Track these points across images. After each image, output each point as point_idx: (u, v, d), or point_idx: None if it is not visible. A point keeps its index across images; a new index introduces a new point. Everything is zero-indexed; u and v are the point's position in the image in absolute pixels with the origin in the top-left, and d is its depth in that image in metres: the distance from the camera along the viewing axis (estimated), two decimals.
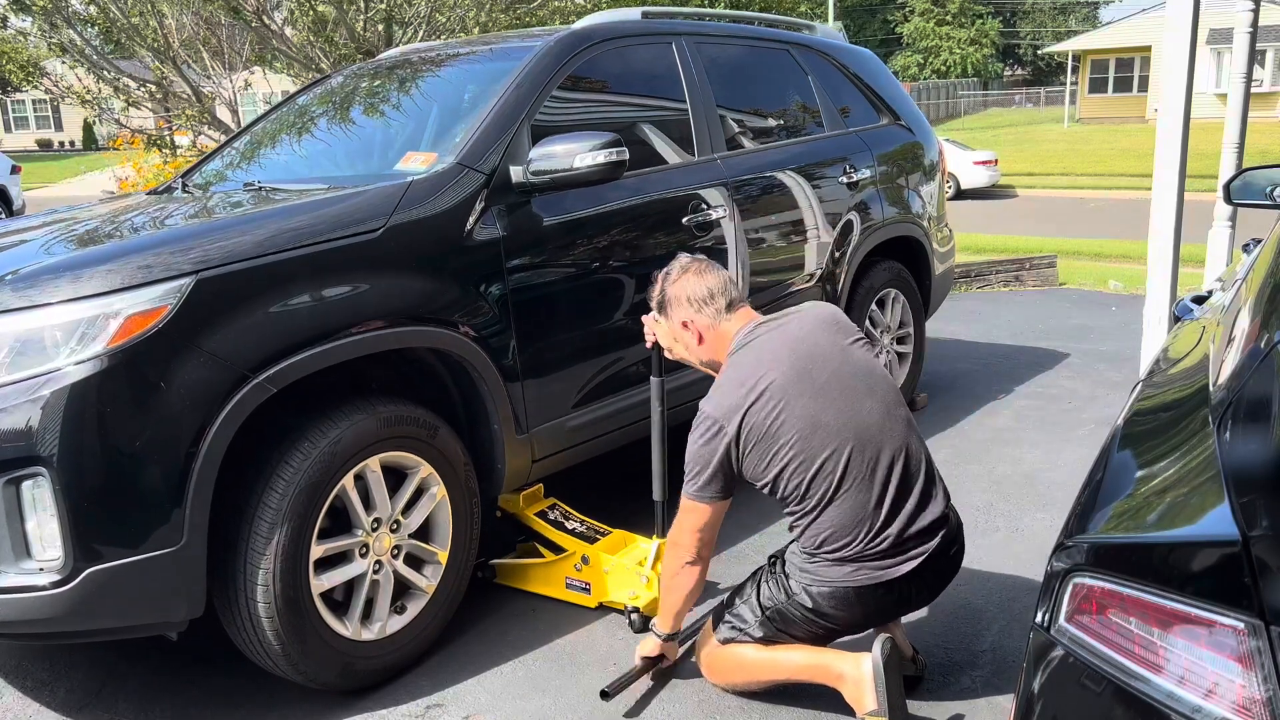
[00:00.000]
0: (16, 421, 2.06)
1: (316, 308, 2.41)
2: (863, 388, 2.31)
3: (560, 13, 9.05)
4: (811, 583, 2.30)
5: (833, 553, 2.26)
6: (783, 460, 2.25)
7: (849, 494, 2.24)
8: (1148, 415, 1.66)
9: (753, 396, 2.27)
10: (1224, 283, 2.64)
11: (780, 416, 2.24)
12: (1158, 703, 1.15)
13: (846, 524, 2.24)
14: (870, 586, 2.26)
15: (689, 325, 2.49)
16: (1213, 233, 5.27)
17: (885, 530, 2.25)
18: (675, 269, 2.53)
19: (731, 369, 2.37)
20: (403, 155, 3.05)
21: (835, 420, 2.25)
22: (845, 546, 2.25)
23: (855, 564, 2.25)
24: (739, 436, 2.27)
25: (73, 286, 2.15)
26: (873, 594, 2.26)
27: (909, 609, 2.41)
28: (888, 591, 2.27)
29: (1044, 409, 4.79)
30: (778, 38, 4.26)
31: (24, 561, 2.13)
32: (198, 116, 8.53)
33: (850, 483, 2.24)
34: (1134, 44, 34.30)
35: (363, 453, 2.48)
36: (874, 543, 2.24)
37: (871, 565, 2.25)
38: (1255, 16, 4.99)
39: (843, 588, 2.26)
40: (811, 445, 2.23)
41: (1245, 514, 1.16)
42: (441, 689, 2.61)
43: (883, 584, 2.26)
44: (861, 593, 2.26)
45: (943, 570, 2.36)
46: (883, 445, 2.27)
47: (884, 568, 2.25)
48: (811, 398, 2.26)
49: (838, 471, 2.23)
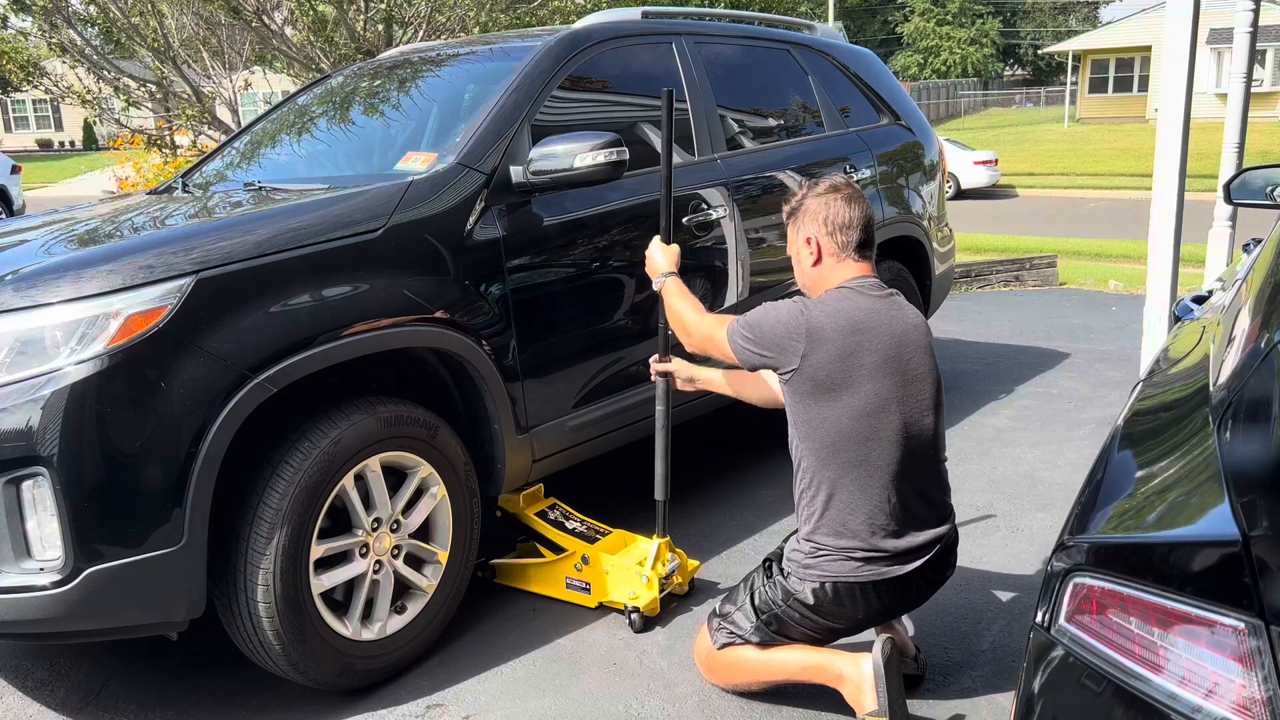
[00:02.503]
0: (17, 421, 2.06)
1: (317, 308, 2.41)
2: (931, 402, 2.33)
3: (560, 12, 9.05)
4: (816, 579, 2.29)
5: (842, 547, 2.26)
6: (837, 413, 2.24)
7: (880, 488, 2.24)
8: (1148, 415, 1.66)
9: (852, 338, 2.24)
10: (1224, 283, 2.63)
11: (860, 377, 2.23)
12: (1158, 703, 1.15)
13: (866, 517, 2.25)
14: (876, 583, 2.26)
15: (811, 242, 2.40)
16: (1213, 233, 5.27)
17: (901, 531, 2.26)
18: (824, 185, 2.44)
19: (845, 302, 2.31)
20: (403, 155, 3.05)
21: (900, 416, 2.26)
22: (858, 539, 2.25)
23: (863, 561, 2.25)
24: (811, 354, 2.24)
25: (73, 286, 2.15)
26: (877, 591, 2.27)
27: (909, 607, 2.42)
28: (892, 589, 2.28)
29: (1044, 409, 4.79)
30: (778, 37, 4.26)
31: (24, 561, 2.13)
32: (198, 116, 8.53)
33: (884, 479, 2.24)
34: (1134, 44, 34.30)
35: (363, 453, 2.48)
36: (887, 541, 2.25)
37: (881, 562, 2.25)
38: (1255, 16, 4.99)
39: (848, 583, 2.26)
40: (870, 423, 2.24)
41: (1245, 514, 1.16)
42: (441, 689, 2.61)
43: (889, 581, 2.26)
44: (867, 589, 2.26)
45: (942, 570, 2.37)
46: (925, 455, 2.31)
47: (892, 565, 2.26)
48: (896, 383, 2.26)
49: (880, 463, 2.24)
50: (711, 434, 4.53)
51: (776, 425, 4.77)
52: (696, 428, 4.37)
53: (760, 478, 3.98)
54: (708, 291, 3.47)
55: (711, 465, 4.14)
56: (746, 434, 4.58)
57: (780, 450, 4.30)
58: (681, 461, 4.21)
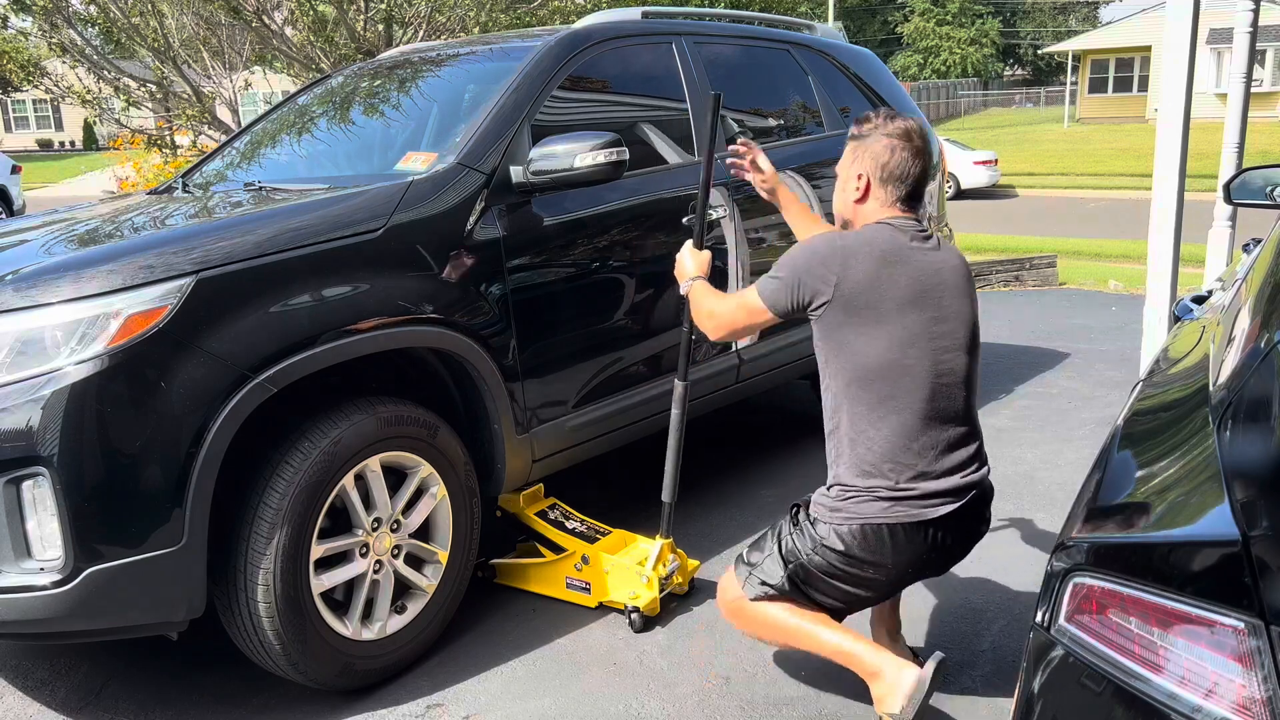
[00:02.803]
0: (17, 421, 2.06)
1: (317, 308, 2.41)
2: (964, 344, 2.27)
3: (560, 12, 9.05)
4: (843, 522, 2.22)
5: (870, 487, 2.21)
6: (864, 345, 2.20)
7: (907, 427, 2.19)
8: (1148, 415, 1.66)
9: (884, 268, 2.20)
10: (1224, 283, 2.64)
11: (888, 309, 2.19)
12: (1158, 703, 1.15)
13: (893, 456, 2.19)
14: (906, 526, 2.19)
15: (863, 179, 2.35)
16: (1213, 233, 5.27)
17: (929, 473, 2.20)
18: (899, 126, 2.35)
19: (880, 234, 2.27)
20: (403, 155, 3.05)
21: (930, 355, 2.20)
22: (885, 479, 2.20)
23: (891, 501, 2.19)
24: (844, 279, 2.20)
25: (74, 286, 2.15)
26: (907, 535, 2.20)
27: (940, 564, 2.33)
28: (922, 536, 2.21)
29: (1044, 409, 4.79)
30: (778, 37, 4.26)
31: (24, 561, 2.13)
32: (198, 116, 8.53)
33: (912, 418, 2.19)
34: (1134, 44, 34.30)
35: (363, 452, 2.48)
36: (916, 482, 2.20)
37: (909, 503, 2.19)
38: (1255, 16, 4.99)
39: (875, 525, 2.19)
40: (898, 359, 2.19)
41: (1245, 514, 1.16)
42: (441, 689, 2.61)
43: (918, 524, 2.19)
44: (895, 532, 2.19)
45: (972, 529, 2.31)
46: (955, 398, 2.24)
47: (922, 507, 2.19)
48: (926, 320, 2.21)
49: (908, 400, 2.19)
50: (712, 434, 4.53)
51: (777, 425, 4.77)
52: (697, 427, 4.37)
53: (761, 478, 3.98)
54: None
55: (712, 465, 4.14)
56: (748, 434, 4.58)
57: (781, 450, 4.32)
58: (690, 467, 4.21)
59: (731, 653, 2.72)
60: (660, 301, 3.31)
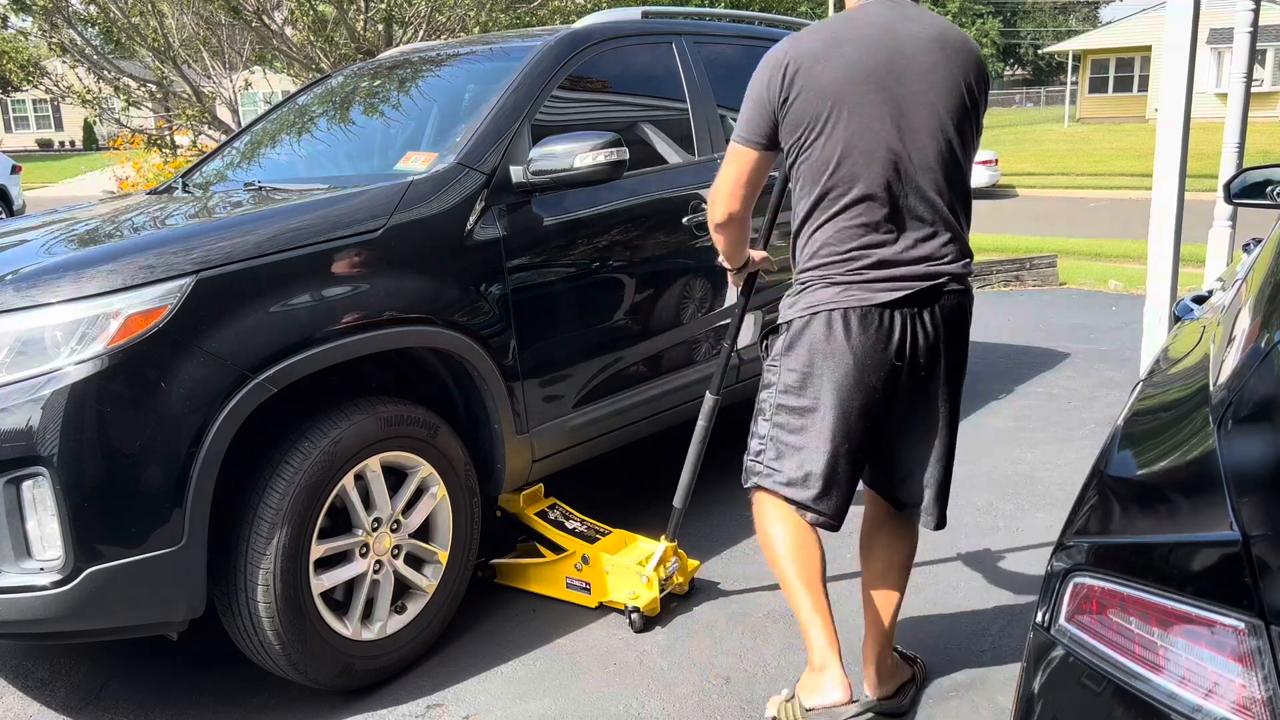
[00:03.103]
0: (17, 421, 2.06)
1: (317, 308, 2.41)
2: (931, 125, 2.10)
3: (560, 12, 9.05)
4: (802, 313, 2.15)
5: (826, 268, 2.13)
6: (818, 132, 2.09)
7: (863, 211, 2.09)
8: (1148, 415, 1.66)
9: (830, 49, 2.09)
10: (1224, 283, 2.64)
11: (844, 91, 2.06)
12: (1158, 703, 1.15)
13: (850, 236, 2.11)
14: (857, 311, 2.09)
15: None
16: (1213, 233, 5.27)
17: (889, 260, 2.10)
18: None
19: (840, 18, 2.17)
20: (403, 155, 3.05)
21: (886, 136, 2.07)
22: (840, 261, 2.11)
23: (845, 285, 2.11)
24: (792, 73, 2.09)
25: (73, 286, 2.15)
26: (861, 325, 2.10)
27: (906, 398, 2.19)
28: (876, 327, 2.10)
29: (1044, 409, 4.79)
30: (778, 37, 4.26)
31: (24, 561, 2.13)
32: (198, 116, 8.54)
33: (870, 203, 2.09)
34: (1134, 44, 34.29)
35: (363, 452, 2.48)
36: (873, 269, 2.10)
37: (861, 287, 2.10)
38: (1255, 16, 4.99)
39: (826, 311, 2.12)
40: (851, 141, 2.07)
41: (1245, 514, 1.16)
42: (441, 689, 2.61)
43: (869, 310, 2.09)
44: (847, 320, 2.10)
45: (938, 343, 2.16)
46: (924, 179, 2.10)
47: (873, 291, 2.09)
48: (880, 99, 2.07)
49: (863, 183, 2.08)
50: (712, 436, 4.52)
51: None
52: None
53: None
54: (707, 291, 3.47)
55: (712, 465, 4.13)
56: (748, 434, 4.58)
57: None
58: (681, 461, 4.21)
59: (731, 653, 2.72)
60: (660, 301, 3.31)
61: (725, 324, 3.55)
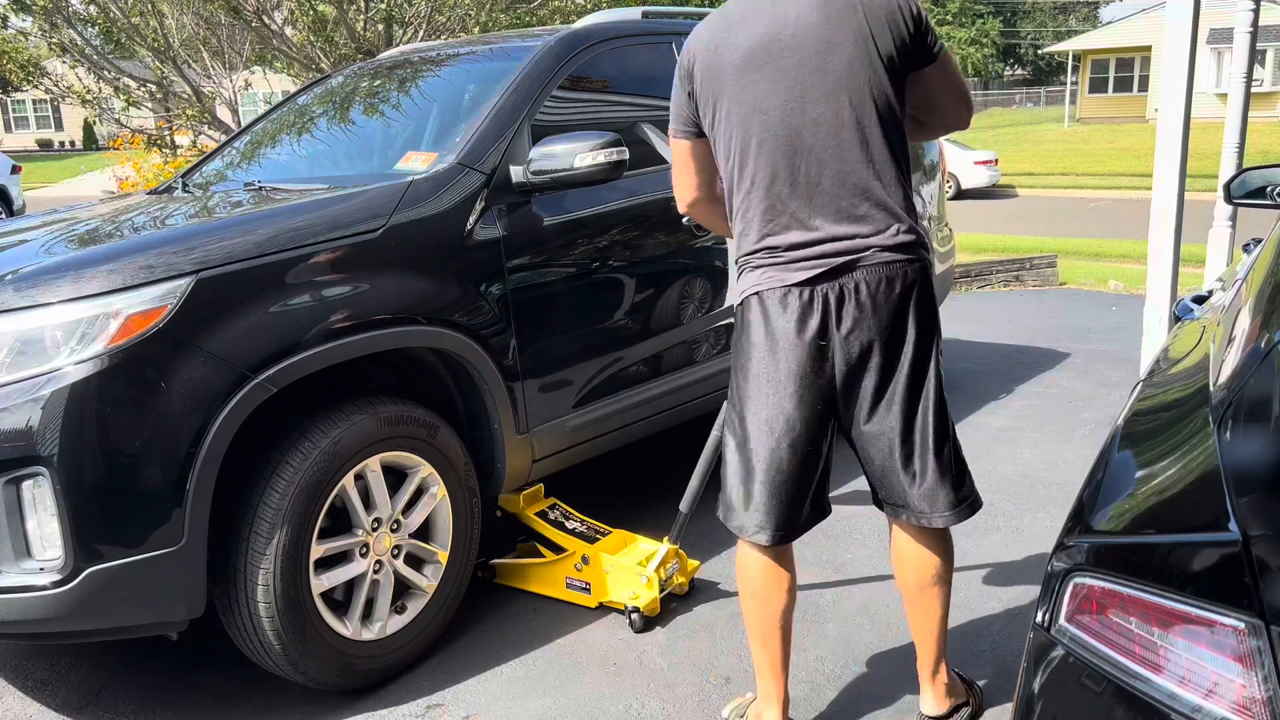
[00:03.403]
0: (17, 421, 2.06)
1: (317, 308, 2.41)
2: (823, 90, 1.99)
3: (561, 12, 9.05)
4: (738, 298, 2.14)
5: (754, 253, 2.08)
6: (716, 120, 2.08)
7: (771, 190, 2.03)
8: (1148, 415, 1.66)
9: (720, 35, 2.06)
10: (1224, 283, 2.63)
11: (730, 76, 2.04)
12: (1158, 703, 1.15)
13: (763, 218, 2.05)
14: (776, 292, 2.03)
15: None
16: (1213, 233, 5.27)
17: (790, 231, 2.03)
18: None
19: (728, 6, 2.12)
20: (403, 155, 3.05)
21: (785, 107, 2.00)
22: (759, 244, 2.06)
23: (766, 268, 2.06)
24: (690, 65, 2.10)
25: (73, 286, 2.15)
26: (780, 306, 2.03)
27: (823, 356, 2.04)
28: (794, 308, 2.02)
29: (1044, 409, 4.79)
30: None
31: (24, 561, 2.13)
32: (198, 116, 8.54)
33: (774, 180, 2.03)
34: (1134, 44, 34.29)
35: (363, 452, 2.48)
36: (787, 249, 2.03)
37: (777, 268, 2.04)
38: (1255, 16, 4.99)
39: (752, 295, 2.08)
40: (748, 122, 2.03)
41: (1245, 514, 1.16)
42: (441, 689, 2.61)
43: (790, 289, 2.02)
44: (766, 301, 2.05)
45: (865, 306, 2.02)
46: (824, 152, 2.00)
47: (789, 270, 2.03)
48: (767, 78, 2.01)
49: (767, 161, 2.02)
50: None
51: None
52: (697, 427, 4.37)
53: None
54: (707, 291, 3.47)
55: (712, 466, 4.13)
56: None
57: None
58: (682, 463, 4.21)
59: (731, 653, 2.72)
60: (660, 301, 3.31)
61: (725, 324, 3.55)
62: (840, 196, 2.02)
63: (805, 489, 2.13)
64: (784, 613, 2.20)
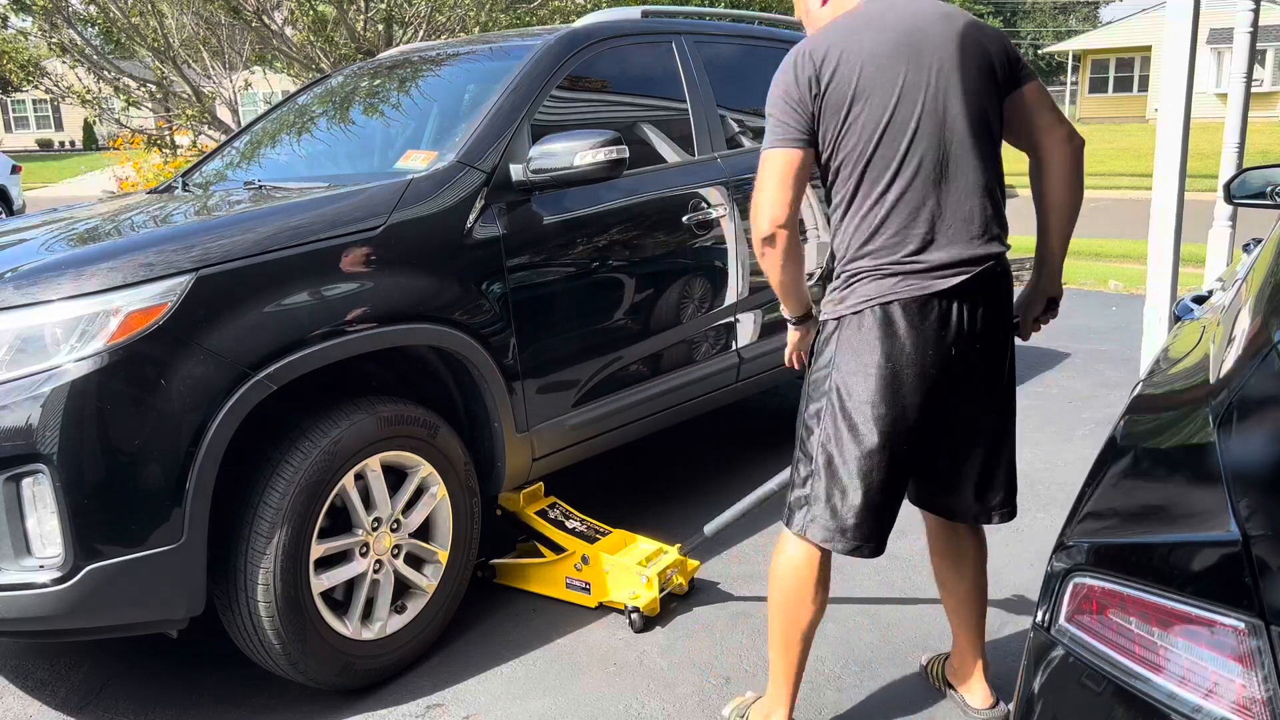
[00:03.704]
0: (17, 419, 2.06)
1: (316, 305, 2.41)
2: (956, 91, 2.01)
3: (561, 12, 9.05)
4: (851, 308, 2.02)
5: (877, 259, 2.01)
6: (852, 115, 2.01)
7: (909, 191, 1.99)
8: (1148, 415, 1.66)
9: (848, 37, 2.02)
10: (1224, 283, 2.64)
11: (868, 77, 1.99)
12: (1158, 703, 1.15)
13: (899, 222, 2.00)
14: (912, 302, 1.97)
15: None
16: (1213, 233, 5.27)
17: (937, 241, 1.99)
18: None
19: (842, 20, 2.09)
20: (403, 154, 3.05)
21: (916, 111, 1.99)
22: (892, 250, 2.00)
23: (898, 277, 1.99)
24: (819, 61, 2.01)
25: (74, 284, 2.15)
26: (914, 317, 1.98)
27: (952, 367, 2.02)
28: (930, 318, 1.98)
29: (1044, 409, 4.79)
30: (778, 37, 4.26)
31: (24, 559, 2.13)
32: (198, 116, 8.54)
33: (913, 180, 1.99)
34: (1134, 44, 34.28)
35: (363, 452, 2.48)
36: (923, 254, 1.99)
37: (918, 276, 1.98)
38: (1255, 16, 4.99)
39: (881, 305, 1.99)
40: (882, 125, 1.99)
41: (1245, 514, 1.16)
42: (441, 689, 2.61)
43: (926, 299, 1.97)
44: (906, 309, 1.98)
45: (989, 327, 2.05)
46: (961, 159, 2.01)
47: (930, 279, 1.98)
48: (900, 74, 1.99)
49: (905, 162, 1.99)
50: (713, 436, 4.52)
51: (777, 427, 4.76)
52: (697, 427, 4.37)
53: (761, 479, 3.96)
54: (707, 290, 3.47)
55: (712, 465, 4.14)
56: (748, 435, 4.58)
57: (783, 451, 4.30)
58: (681, 463, 4.21)
59: (731, 653, 2.72)
60: (660, 300, 3.31)
61: (725, 323, 3.55)
62: (973, 202, 2.03)
63: (900, 499, 2.14)
64: (815, 623, 2.21)
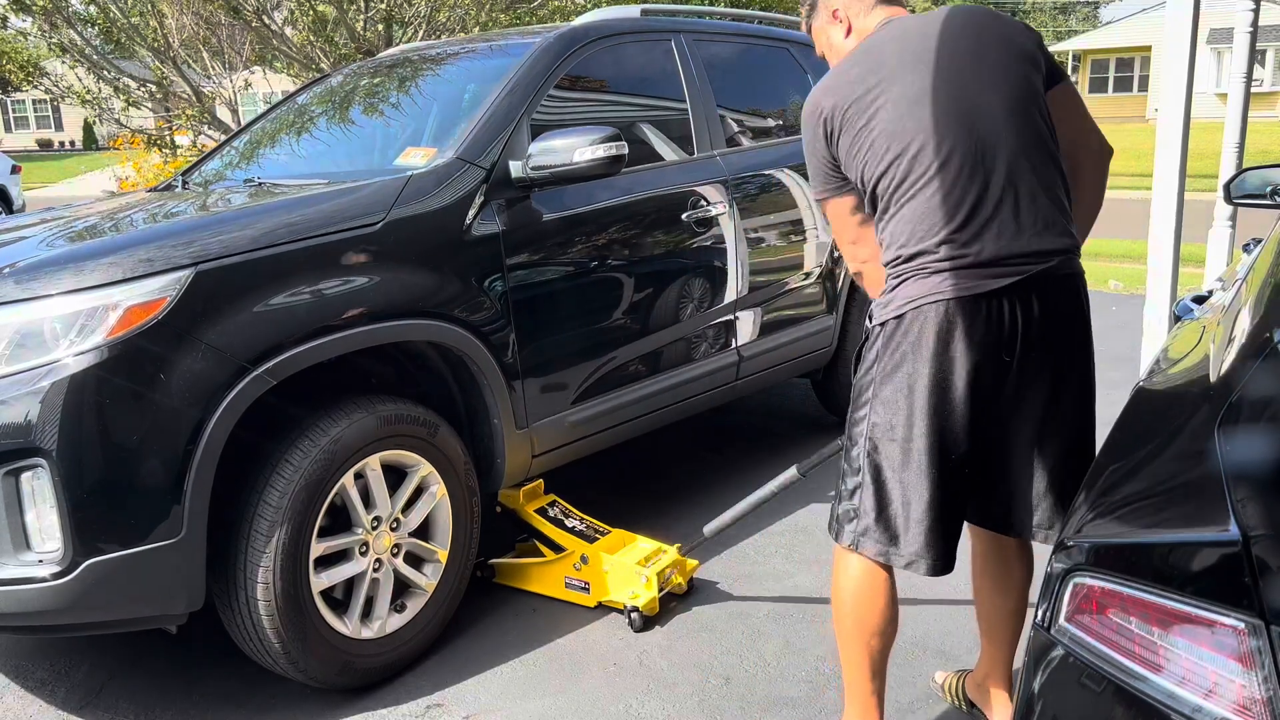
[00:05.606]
0: (16, 413, 2.06)
1: (316, 301, 2.41)
2: (986, 80, 1.90)
3: (561, 12, 9.05)
4: (897, 310, 1.90)
5: (920, 258, 1.88)
6: (872, 114, 1.93)
7: (945, 184, 1.87)
8: (1148, 415, 1.66)
9: (854, 69, 1.97)
10: (1224, 283, 2.64)
11: (879, 91, 1.92)
12: (1158, 702, 1.15)
13: (940, 215, 1.87)
14: (961, 301, 1.84)
15: (838, 14, 2.13)
16: (1213, 233, 5.27)
17: (984, 235, 1.85)
18: None
19: (867, 38, 2.04)
20: (402, 151, 3.05)
21: (941, 99, 1.89)
22: (936, 247, 1.86)
23: (946, 274, 1.86)
24: (831, 114, 1.97)
25: (73, 278, 2.15)
26: (964, 316, 1.84)
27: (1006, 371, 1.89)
28: (984, 317, 1.85)
29: None
30: (777, 36, 4.26)
31: (23, 553, 2.13)
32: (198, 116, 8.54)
33: (947, 171, 1.87)
34: (1134, 44, 34.28)
35: (363, 451, 2.48)
36: (970, 248, 1.85)
37: (966, 273, 1.84)
38: (1255, 16, 4.99)
39: (929, 304, 1.86)
40: (906, 123, 1.90)
41: (1245, 514, 1.16)
42: (441, 689, 2.61)
43: (977, 299, 1.84)
44: (951, 310, 1.85)
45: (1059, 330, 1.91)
46: (996, 143, 1.88)
47: (980, 278, 1.84)
48: (917, 73, 1.91)
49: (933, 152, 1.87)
50: (712, 436, 4.52)
51: (777, 428, 4.76)
52: (697, 427, 4.37)
53: (761, 479, 3.95)
54: (706, 288, 3.47)
55: (711, 465, 4.13)
56: (748, 435, 4.58)
57: (785, 451, 4.31)
58: (681, 462, 4.21)
59: (731, 653, 2.72)
60: (660, 298, 3.31)
61: (724, 321, 3.55)
62: (1027, 197, 1.89)
63: (963, 511, 2.02)
64: (890, 644, 2.07)
